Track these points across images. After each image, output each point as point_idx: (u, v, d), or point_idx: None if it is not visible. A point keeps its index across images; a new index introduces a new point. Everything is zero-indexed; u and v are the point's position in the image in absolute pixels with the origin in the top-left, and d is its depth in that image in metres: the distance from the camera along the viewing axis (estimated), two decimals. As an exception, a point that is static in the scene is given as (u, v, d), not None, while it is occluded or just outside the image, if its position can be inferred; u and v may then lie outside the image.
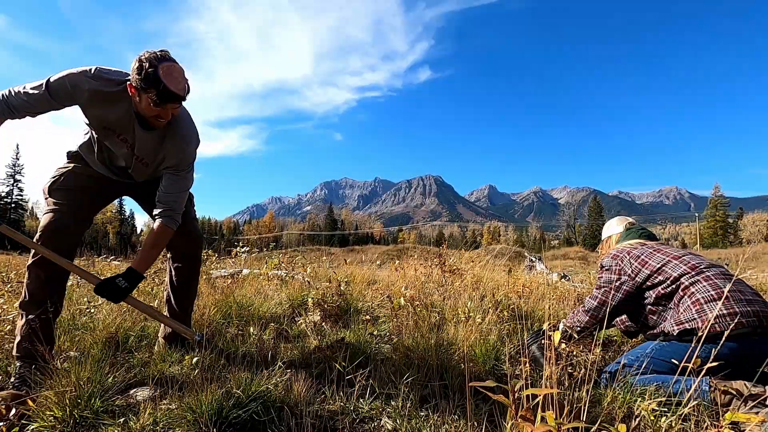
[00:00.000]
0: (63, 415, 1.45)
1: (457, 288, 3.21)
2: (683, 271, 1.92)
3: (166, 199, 1.92)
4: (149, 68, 1.58)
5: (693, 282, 1.87)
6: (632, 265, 2.03)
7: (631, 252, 2.10)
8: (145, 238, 1.96)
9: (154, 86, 1.59)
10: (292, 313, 3.01)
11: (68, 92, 1.73)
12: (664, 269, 1.96)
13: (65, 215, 1.85)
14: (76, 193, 1.93)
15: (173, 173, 1.93)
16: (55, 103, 1.75)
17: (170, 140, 1.89)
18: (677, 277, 1.91)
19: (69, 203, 1.89)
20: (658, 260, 1.99)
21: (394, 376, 1.85)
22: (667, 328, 1.88)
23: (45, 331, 1.78)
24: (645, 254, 2.04)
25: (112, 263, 5.60)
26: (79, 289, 3.48)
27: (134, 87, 1.65)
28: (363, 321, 2.73)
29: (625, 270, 2.04)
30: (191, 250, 2.20)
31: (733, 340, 1.68)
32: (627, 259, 2.07)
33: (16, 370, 1.77)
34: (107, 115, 1.80)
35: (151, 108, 1.67)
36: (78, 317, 2.56)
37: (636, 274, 2.01)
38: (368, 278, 4.31)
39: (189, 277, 2.22)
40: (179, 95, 1.65)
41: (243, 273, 4.43)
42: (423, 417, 1.54)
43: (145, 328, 2.49)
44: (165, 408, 1.57)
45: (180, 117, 1.89)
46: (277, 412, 1.49)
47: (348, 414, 1.60)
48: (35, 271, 1.80)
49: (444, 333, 2.33)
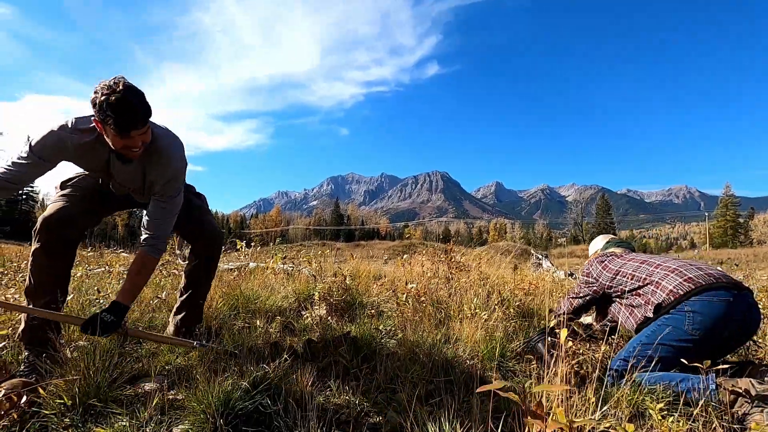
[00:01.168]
0: (72, 404, 1.48)
1: (463, 284, 3.20)
2: (636, 266, 2.20)
3: (151, 227, 1.88)
4: (102, 98, 1.52)
5: (648, 272, 2.13)
6: (597, 269, 2.38)
7: (598, 258, 2.46)
8: (130, 266, 1.93)
9: (110, 116, 1.53)
10: (298, 307, 3.03)
11: (55, 151, 1.73)
12: (620, 270, 2.26)
13: (72, 206, 1.86)
14: (87, 190, 1.96)
15: (158, 199, 1.88)
16: (47, 164, 1.74)
17: (152, 166, 1.85)
18: (632, 273, 2.18)
19: (78, 197, 1.91)
20: (617, 264, 2.31)
21: (399, 371, 1.85)
22: (647, 314, 2.04)
23: (48, 325, 1.78)
24: (608, 260, 2.39)
25: (121, 255, 5.66)
26: (89, 280, 3.52)
27: (98, 121, 1.60)
28: (368, 315, 2.73)
29: (591, 273, 2.41)
30: (210, 252, 2.23)
31: (698, 295, 1.88)
32: (594, 264, 2.43)
33: (25, 358, 1.80)
34: (93, 162, 1.83)
35: (118, 139, 1.60)
36: (87, 307, 2.58)
37: (599, 277, 2.34)
38: (374, 273, 4.32)
39: (206, 275, 2.26)
40: (136, 119, 1.57)
41: (250, 266, 4.46)
42: (428, 412, 1.54)
43: (153, 319, 2.51)
44: (172, 398, 1.59)
45: (156, 140, 1.81)
46: (282, 404, 1.50)
47: (353, 408, 1.60)
48: (39, 257, 1.80)
49: (449, 329, 2.32)
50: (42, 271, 1.81)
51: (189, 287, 2.22)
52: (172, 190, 1.89)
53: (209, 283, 2.31)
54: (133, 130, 1.58)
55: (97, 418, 1.47)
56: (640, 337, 1.98)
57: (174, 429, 1.41)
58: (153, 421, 1.45)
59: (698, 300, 1.87)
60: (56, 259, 1.82)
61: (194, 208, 2.20)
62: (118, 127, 1.55)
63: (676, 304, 1.91)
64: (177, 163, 1.89)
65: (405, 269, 4.08)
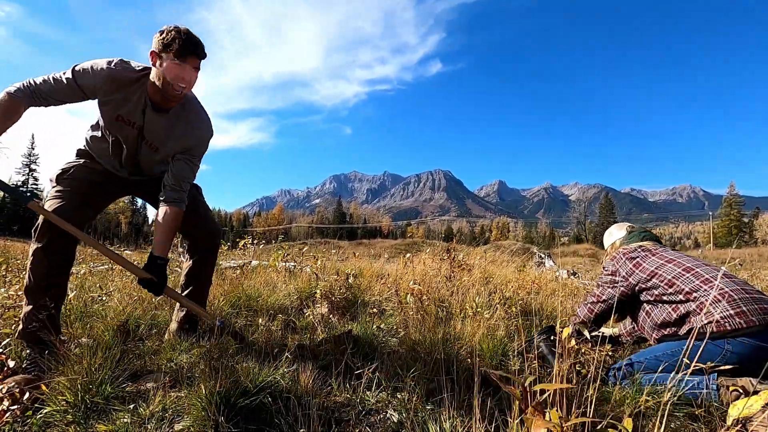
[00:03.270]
0: (75, 400, 1.48)
1: (466, 283, 3.20)
2: (678, 273, 1.92)
3: (175, 181, 1.94)
4: (171, 29, 1.71)
5: (692, 287, 1.84)
6: (627, 266, 2.09)
7: (627, 254, 2.15)
8: (157, 226, 1.98)
9: (176, 37, 1.69)
10: (300, 305, 3.03)
11: (94, 80, 1.77)
12: (657, 272, 1.97)
13: (67, 202, 1.85)
14: (82, 183, 1.95)
15: (187, 157, 1.98)
16: (78, 91, 1.79)
17: (182, 122, 1.94)
18: (672, 281, 1.91)
19: (72, 191, 1.90)
20: (652, 263, 2.02)
21: (401, 369, 1.85)
22: (679, 332, 1.86)
23: (50, 320, 1.77)
24: (640, 257, 2.09)
25: (125, 252, 5.68)
26: (92, 277, 3.53)
27: (155, 52, 1.73)
28: (370, 314, 2.73)
29: (620, 271, 2.11)
30: (211, 244, 2.23)
31: (747, 337, 1.66)
32: (623, 261, 2.13)
33: (27, 356, 1.80)
34: (122, 102, 1.84)
35: (173, 67, 1.71)
36: (90, 305, 2.60)
37: (629, 276, 2.06)
38: (376, 272, 4.32)
39: (207, 270, 2.25)
40: (198, 47, 1.75)
41: (252, 264, 4.47)
42: (429, 410, 1.54)
43: (156, 317, 2.52)
44: (174, 395, 1.60)
45: (191, 102, 1.96)
46: (284, 402, 1.50)
47: (354, 406, 1.60)
48: (39, 256, 1.79)
49: (451, 328, 2.32)
50: (41, 270, 1.81)
51: (190, 283, 2.22)
52: (198, 150, 2.01)
53: (210, 279, 2.31)
54: (193, 55, 1.74)
55: (99, 415, 1.48)
56: (658, 351, 1.87)
57: (176, 426, 1.42)
58: (155, 418, 1.45)
59: (744, 343, 1.65)
60: (56, 257, 1.82)
61: (200, 203, 2.21)
62: (182, 49, 1.70)
63: (718, 337, 1.69)
64: (206, 129, 2.03)
65: (407, 268, 4.08)
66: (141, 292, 2.82)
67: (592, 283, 5.43)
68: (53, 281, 1.83)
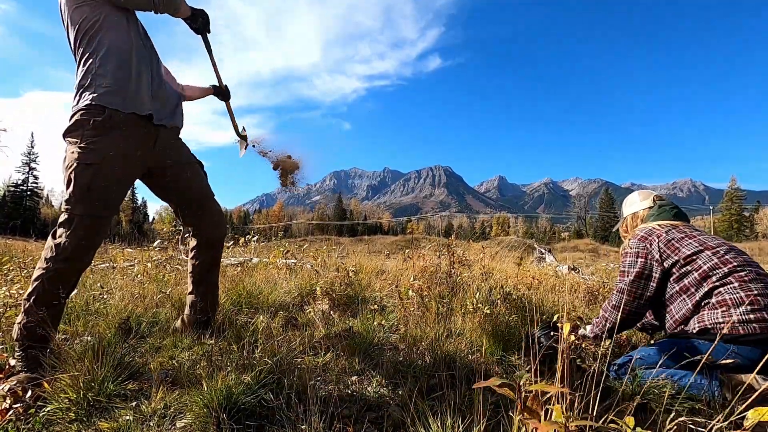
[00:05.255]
0: (77, 398, 1.49)
1: (466, 279, 3.20)
2: (714, 264, 1.73)
3: None
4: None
5: (723, 280, 1.70)
6: (660, 248, 1.83)
7: (660, 235, 1.87)
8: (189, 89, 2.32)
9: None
10: (300, 302, 3.03)
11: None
12: (694, 259, 1.76)
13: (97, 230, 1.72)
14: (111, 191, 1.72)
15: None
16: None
17: None
18: (707, 271, 1.73)
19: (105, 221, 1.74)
20: (690, 247, 1.78)
21: (401, 365, 1.86)
22: (690, 326, 1.77)
23: (53, 321, 1.71)
24: (676, 239, 1.83)
25: (125, 250, 5.68)
26: (93, 275, 3.54)
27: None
28: (371, 310, 2.74)
29: (653, 254, 1.83)
30: (219, 235, 2.17)
31: (755, 345, 1.58)
32: (656, 243, 1.85)
33: (28, 354, 1.79)
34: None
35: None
36: (92, 303, 2.60)
37: (664, 260, 1.80)
38: (376, 268, 4.32)
39: (215, 265, 2.21)
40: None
41: (253, 261, 4.47)
42: (429, 406, 1.54)
43: (157, 315, 2.53)
44: (176, 393, 1.60)
45: None
46: (285, 399, 1.51)
47: (355, 402, 1.61)
48: (66, 273, 1.70)
49: (451, 323, 2.32)
50: (69, 287, 1.73)
51: (201, 283, 2.16)
52: None
53: (219, 273, 2.27)
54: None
55: (101, 413, 1.48)
56: (661, 347, 1.80)
57: (177, 423, 1.43)
58: (157, 415, 1.46)
59: (750, 349, 1.57)
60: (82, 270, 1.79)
61: (206, 185, 2.13)
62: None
63: (728, 340, 1.59)
64: None
65: (407, 264, 4.08)
66: (142, 290, 2.82)
67: (593, 278, 5.43)
68: (72, 288, 1.78)
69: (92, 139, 1.66)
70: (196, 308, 2.16)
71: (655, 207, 2.11)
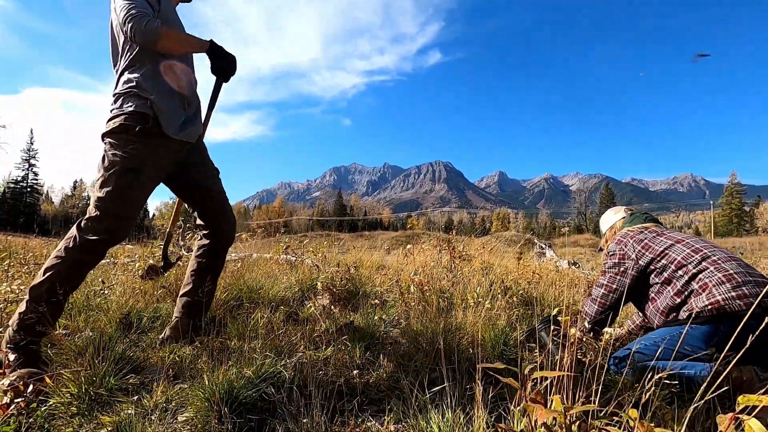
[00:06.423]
0: (79, 393, 1.49)
1: (466, 274, 3.20)
2: (687, 254, 1.88)
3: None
4: None
5: (699, 266, 1.82)
6: (635, 248, 2.01)
7: (634, 236, 2.08)
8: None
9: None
10: (301, 297, 3.04)
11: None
12: (667, 253, 1.92)
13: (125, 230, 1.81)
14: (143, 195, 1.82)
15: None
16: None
17: None
18: (682, 261, 1.87)
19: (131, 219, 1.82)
20: (662, 244, 1.96)
21: (402, 359, 1.86)
22: (681, 316, 1.83)
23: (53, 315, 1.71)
24: (648, 238, 2.02)
25: (126, 246, 5.68)
26: (94, 270, 3.54)
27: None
28: (371, 305, 2.74)
29: (628, 254, 2.02)
30: (230, 233, 2.17)
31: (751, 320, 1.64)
32: (630, 243, 2.05)
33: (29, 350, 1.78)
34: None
35: None
36: (92, 298, 2.61)
37: (639, 258, 1.99)
38: (377, 263, 4.32)
39: (220, 262, 2.21)
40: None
41: (253, 257, 4.48)
42: (430, 400, 1.55)
43: (158, 310, 2.53)
44: (177, 387, 1.60)
45: None
46: (286, 393, 1.51)
47: (356, 396, 1.61)
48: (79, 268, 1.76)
49: (452, 318, 2.33)
50: (78, 281, 1.80)
51: (203, 279, 2.13)
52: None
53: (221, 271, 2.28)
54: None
55: (103, 407, 1.49)
56: (657, 337, 1.84)
57: (179, 417, 1.43)
58: (158, 409, 1.46)
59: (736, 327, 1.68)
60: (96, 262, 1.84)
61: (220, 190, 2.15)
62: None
63: (716, 320, 1.68)
64: None
65: (408, 259, 4.09)
66: (143, 285, 2.82)
67: (593, 273, 5.43)
68: (80, 282, 1.83)
69: (135, 145, 1.74)
70: (190, 311, 2.11)
71: (628, 216, 2.33)
